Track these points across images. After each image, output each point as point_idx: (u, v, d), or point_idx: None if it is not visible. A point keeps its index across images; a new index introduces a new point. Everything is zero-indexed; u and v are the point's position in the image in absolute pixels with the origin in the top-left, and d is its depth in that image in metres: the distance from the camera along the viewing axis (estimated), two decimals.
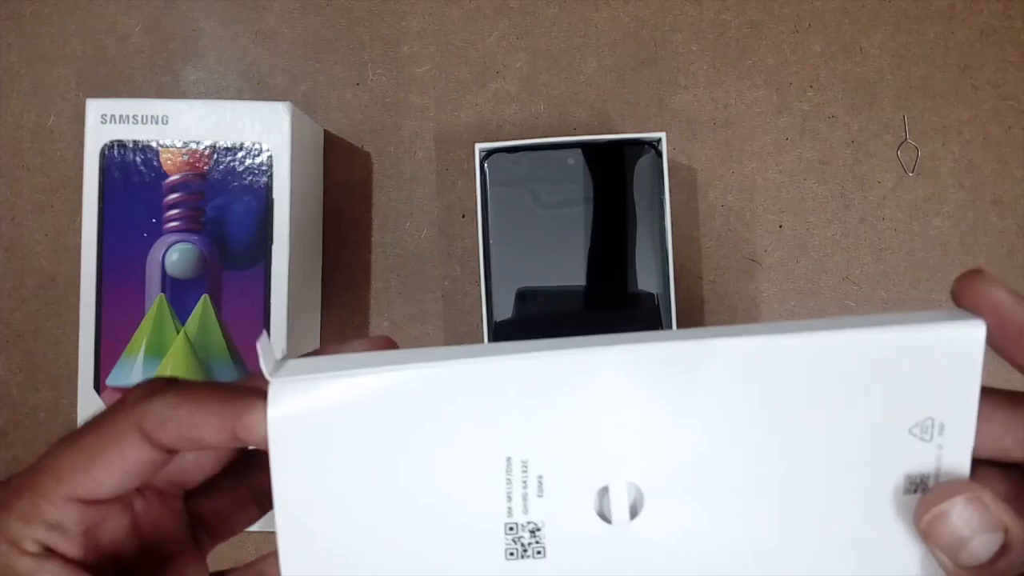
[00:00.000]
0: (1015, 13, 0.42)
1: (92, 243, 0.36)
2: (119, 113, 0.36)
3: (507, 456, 0.20)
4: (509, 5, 0.43)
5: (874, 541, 0.20)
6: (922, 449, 0.20)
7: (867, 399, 0.20)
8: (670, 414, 0.20)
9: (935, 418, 0.20)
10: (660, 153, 0.39)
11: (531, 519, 0.20)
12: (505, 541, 0.20)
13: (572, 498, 0.20)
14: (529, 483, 0.20)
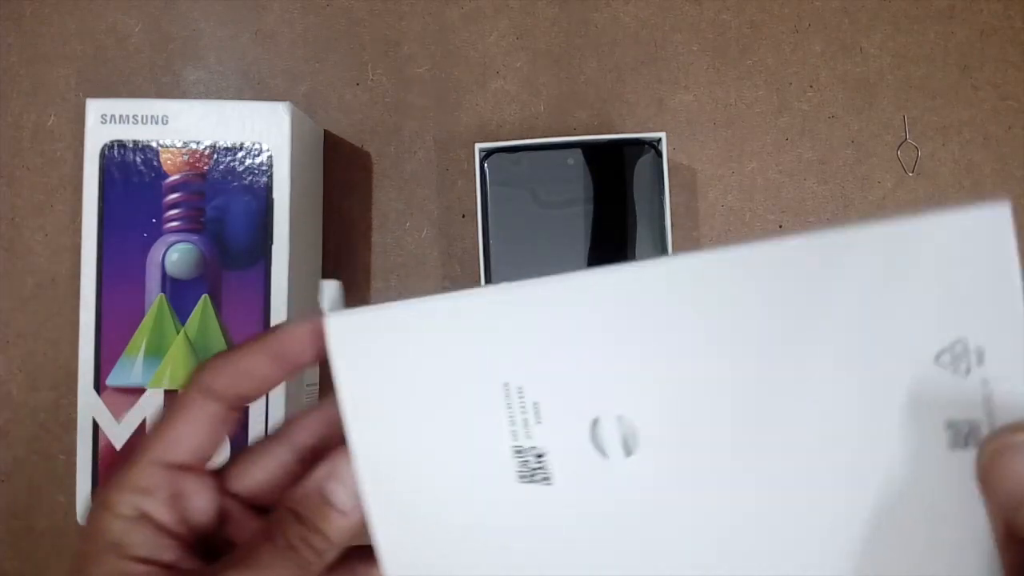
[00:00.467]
0: (1015, 13, 0.42)
1: (92, 243, 0.36)
2: (119, 113, 0.36)
3: (504, 382, 0.20)
4: (509, 5, 0.43)
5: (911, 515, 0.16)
6: (959, 385, 0.16)
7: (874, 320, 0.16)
8: (659, 346, 0.18)
9: (968, 341, 0.15)
10: (660, 153, 0.39)
11: (534, 444, 0.20)
12: (515, 463, 0.20)
13: (568, 427, 0.19)
14: (527, 408, 0.20)
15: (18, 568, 0.42)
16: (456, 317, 0.20)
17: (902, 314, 0.16)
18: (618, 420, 0.19)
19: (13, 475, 0.42)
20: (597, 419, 0.19)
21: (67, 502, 0.42)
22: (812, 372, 0.17)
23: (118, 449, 0.35)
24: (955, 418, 0.16)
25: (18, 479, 0.42)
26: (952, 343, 0.16)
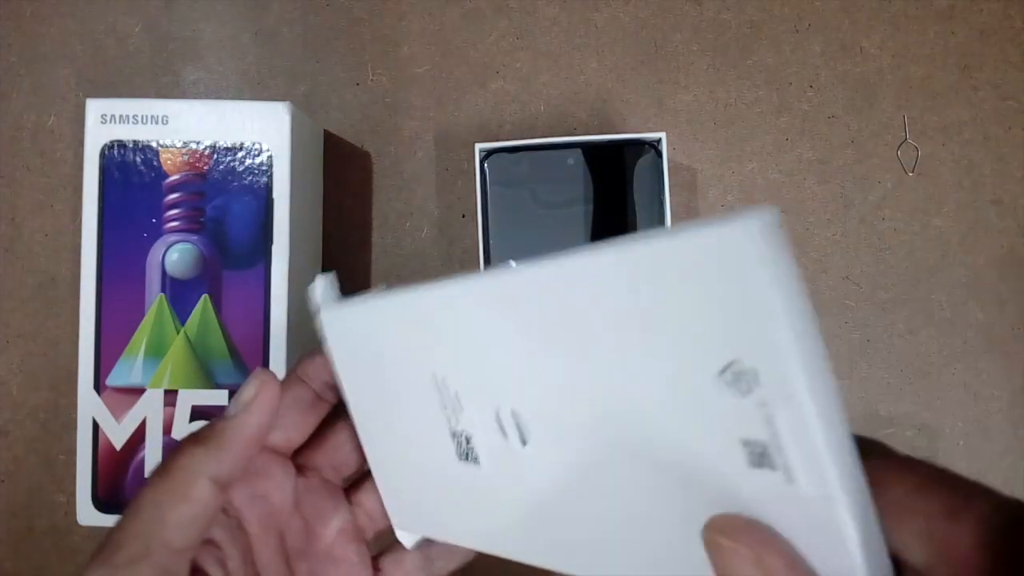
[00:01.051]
0: (1015, 13, 0.42)
1: (92, 243, 0.36)
2: (119, 113, 0.35)
3: (433, 373, 0.22)
4: (509, 5, 0.43)
5: None
6: (743, 407, 0.15)
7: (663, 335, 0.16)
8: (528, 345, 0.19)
9: (744, 361, 0.14)
10: (660, 153, 0.39)
11: (463, 428, 0.22)
12: (454, 444, 0.22)
13: (481, 416, 0.21)
14: (452, 399, 0.22)
15: (18, 568, 0.42)
16: (405, 311, 0.22)
17: (691, 331, 0.15)
18: (512, 413, 0.20)
19: (13, 475, 0.42)
20: (499, 410, 0.20)
21: (67, 502, 0.42)
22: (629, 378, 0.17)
23: (118, 449, 0.35)
24: (747, 438, 0.15)
25: (18, 479, 0.42)
26: (730, 362, 0.15)
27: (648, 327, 0.16)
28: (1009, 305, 0.42)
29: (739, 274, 0.14)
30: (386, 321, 0.23)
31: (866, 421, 0.41)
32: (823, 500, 0.14)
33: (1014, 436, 0.41)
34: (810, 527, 0.15)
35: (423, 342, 0.22)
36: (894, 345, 0.42)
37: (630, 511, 0.18)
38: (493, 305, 0.20)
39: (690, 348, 0.15)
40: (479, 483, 0.22)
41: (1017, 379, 0.42)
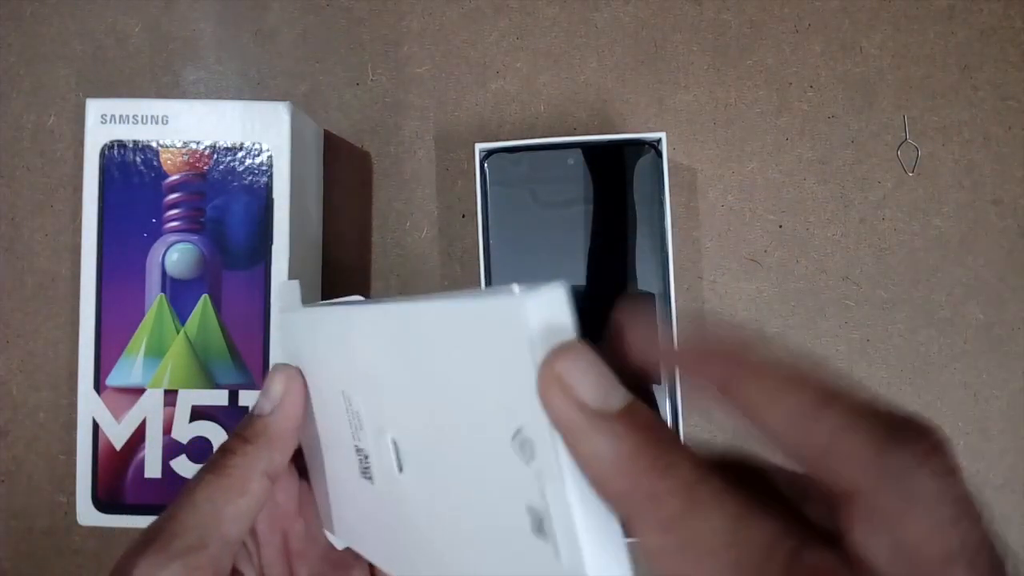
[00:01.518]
0: (1015, 13, 0.42)
1: (92, 243, 0.35)
2: (119, 113, 0.35)
3: (341, 390, 0.22)
4: (509, 5, 0.43)
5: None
6: (527, 473, 0.15)
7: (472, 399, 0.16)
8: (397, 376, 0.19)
9: (524, 431, 0.14)
10: (660, 153, 0.38)
11: (363, 446, 0.22)
12: (358, 459, 0.23)
13: (374, 437, 0.22)
14: (354, 415, 0.22)
15: (18, 568, 0.42)
16: (327, 326, 0.23)
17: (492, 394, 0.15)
18: (392, 439, 0.21)
19: (13, 475, 0.42)
20: (384, 435, 0.21)
21: (67, 502, 0.42)
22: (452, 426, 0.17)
23: (118, 449, 0.35)
24: (531, 505, 0.15)
25: (18, 479, 0.42)
26: (518, 429, 0.15)
27: (465, 380, 0.16)
28: (1009, 305, 0.42)
29: (508, 349, 0.14)
30: (317, 333, 0.24)
31: None
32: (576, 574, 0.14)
33: (1014, 436, 0.41)
34: None
35: (337, 359, 0.22)
36: (894, 345, 0.42)
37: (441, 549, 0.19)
38: (373, 334, 0.20)
39: (492, 411, 0.15)
40: (374, 500, 0.22)
41: (1017, 379, 0.41)
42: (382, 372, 0.20)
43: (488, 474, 0.16)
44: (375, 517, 0.23)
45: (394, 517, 0.22)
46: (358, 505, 0.24)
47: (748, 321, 0.42)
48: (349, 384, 0.22)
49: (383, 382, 0.20)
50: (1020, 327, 0.42)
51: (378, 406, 0.21)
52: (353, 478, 0.23)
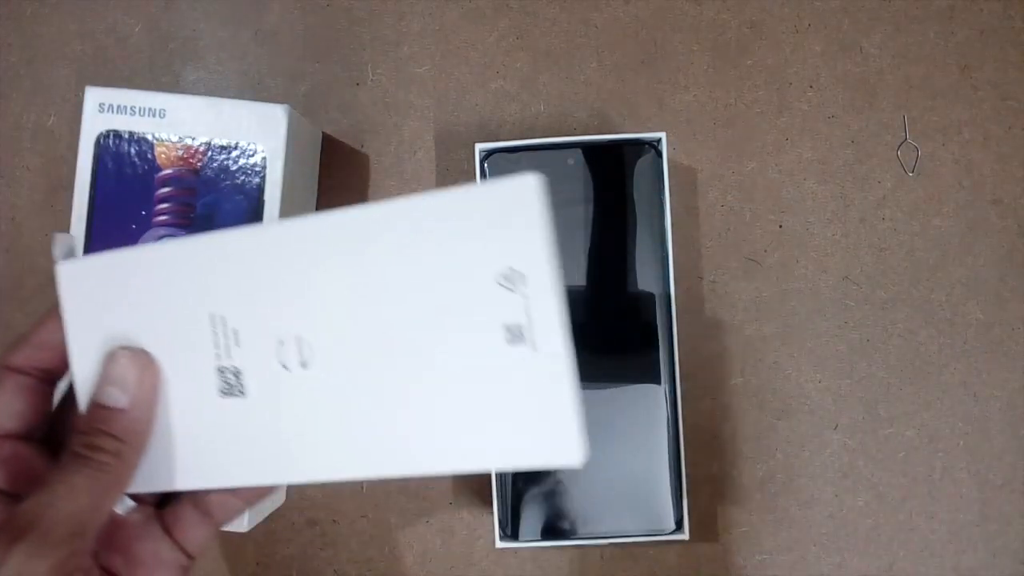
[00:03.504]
0: (1015, 13, 0.41)
1: (81, 230, 0.34)
2: (117, 103, 0.34)
3: (210, 313, 0.24)
4: (509, 5, 0.41)
5: (488, 391, 0.22)
6: (511, 300, 0.21)
7: (455, 254, 0.22)
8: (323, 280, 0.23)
9: (515, 268, 0.21)
10: (660, 153, 0.37)
11: (234, 364, 0.24)
12: (218, 380, 0.24)
13: (259, 348, 0.24)
14: (228, 335, 0.24)
15: None
16: (173, 260, 0.24)
17: (472, 251, 0.21)
18: (297, 340, 0.23)
19: None
20: (282, 341, 0.23)
21: None
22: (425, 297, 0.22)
23: None
24: (509, 322, 0.21)
25: None
26: (506, 270, 0.21)
27: (447, 249, 0.22)
28: (1009, 305, 0.40)
29: (519, 212, 0.21)
30: (151, 271, 0.24)
31: (866, 421, 0.40)
32: (554, 356, 0.21)
33: (1014, 436, 0.40)
34: (542, 379, 0.21)
35: (200, 286, 0.24)
36: (894, 345, 0.40)
37: (409, 402, 0.23)
38: (295, 247, 0.23)
39: (479, 260, 0.21)
40: (243, 414, 0.24)
41: (1017, 379, 0.40)
42: (296, 283, 0.23)
43: (464, 314, 0.22)
44: (242, 432, 0.24)
45: (280, 419, 0.24)
46: (211, 431, 0.24)
47: (748, 321, 0.40)
48: (224, 305, 0.24)
49: (295, 291, 0.23)
50: (1020, 327, 0.40)
51: (278, 315, 0.23)
52: (207, 404, 0.24)
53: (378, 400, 0.23)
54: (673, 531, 0.36)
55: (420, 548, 0.40)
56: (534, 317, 0.21)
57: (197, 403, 0.24)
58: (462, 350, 0.22)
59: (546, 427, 0.21)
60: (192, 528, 0.26)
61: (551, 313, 0.21)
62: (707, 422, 0.40)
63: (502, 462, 0.23)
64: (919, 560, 0.39)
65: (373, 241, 0.22)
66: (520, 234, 0.21)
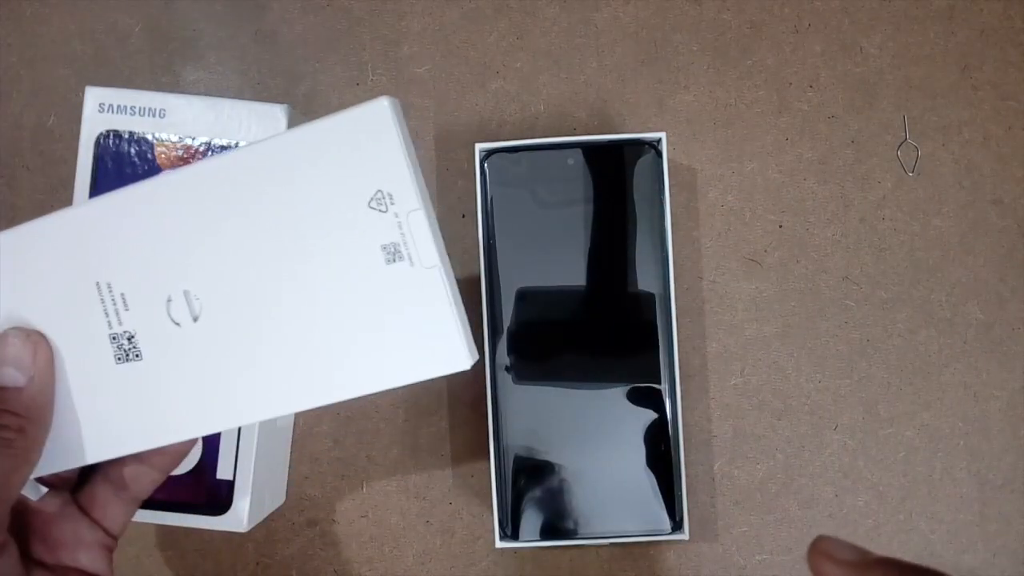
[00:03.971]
0: (1015, 13, 0.41)
1: None
2: (117, 103, 0.34)
3: (96, 281, 0.24)
4: (509, 5, 0.41)
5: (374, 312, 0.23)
6: (384, 220, 0.22)
7: (325, 185, 0.23)
8: (202, 231, 0.24)
9: (384, 189, 0.22)
10: (660, 153, 0.37)
11: (126, 329, 0.24)
12: (112, 349, 0.24)
13: (149, 308, 0.24)
14: (116, 300, 0.24)
15: None
16: (54, 233, 0.25)
17: (340, 179, 0.22)
18: (185, 294, 0.24)
19: None
20: (170, 298, 0.24)
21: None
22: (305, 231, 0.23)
23: None
24: (385, 242, 0.23)
25: None
26: (375, 193, 0.22)
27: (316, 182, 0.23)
28: (1009, 305, 0.40)
29: (377, 135, 0.22)
30: (33, 247, 0.25)
31: (866, 421, 0.40)
32: (433, 269, 0.22)
33: (1014, 436, 0.40)
34: (423, 292, 0.23)
35: (82, 255, 0.24)
36: (894, 345, 0.40)
37: (302, 336, 0.23)
38: (169, 202, 0.24)
39: (348, 188, 0.22)
40: (141, 378, 0.24)
41: (1017, 379, 0.40)
42: (176, 237, 0.24)
43: (335, 242, 0.23)
44: (143, 396, 0.24)
45: (180, 375, 0.24)
46: (112, 400, 0.25)
47: (748, 321, 0.40)
48: (109, 271, 0.24)
49: (177, 245, 0.24)
50: (1020, 327, 0.40)
51: (162, 272, 0.24)
52: (104, 373, 0.24)
53: (272, 340, 0.24)
54: (673, 531, 0.36)
55: (420, 548, 0.40)
56: (407, 233, 0.22)
57: (94, 374, 0.25)
58: (345, 277, 0.23)
59: (432, 336, 0.23)
60: (109, 505, 0.26)
61: (422, 227, 0.22)
62: (707, 422, 0.40)
63: (399, 378, 0.23)
64: (919, 560, 0.39)
65: (244, 185, 0.23)
66: (381, 155, 0.22)
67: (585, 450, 0.36)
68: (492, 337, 0.37)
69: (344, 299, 0.23)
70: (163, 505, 0.33)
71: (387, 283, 0.23)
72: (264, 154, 0.23)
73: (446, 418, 0.40)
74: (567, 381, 0.37)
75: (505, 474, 0.36)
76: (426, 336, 0.23)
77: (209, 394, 0.24)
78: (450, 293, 0.23)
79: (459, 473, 0.40)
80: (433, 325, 0.23)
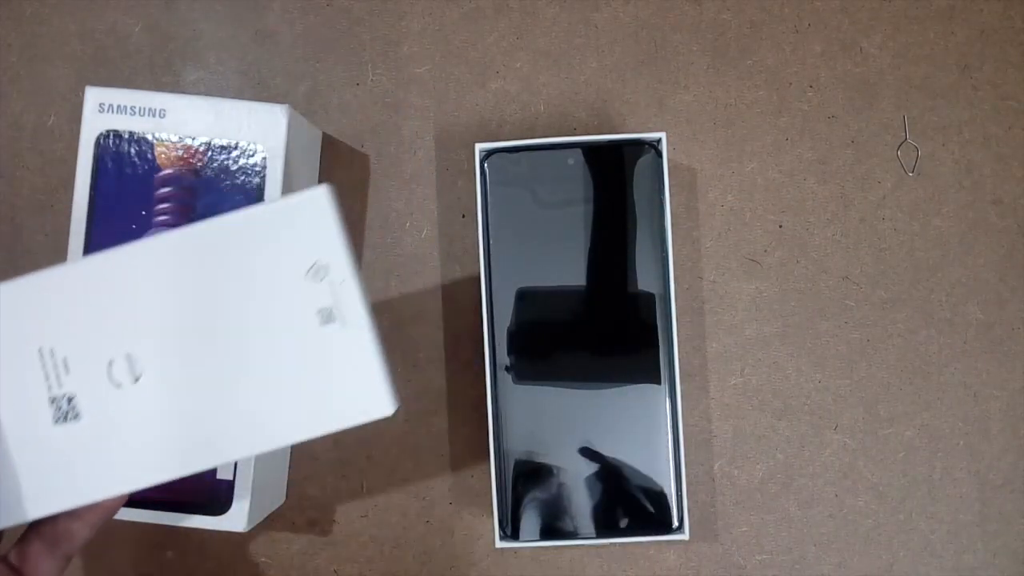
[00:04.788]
0: (1015, 13, 0.41)
1: (80, 230, 0.34)
2: (117, 103, 0.34)
3: (39, 347, 0.26)
4: (509, 5, 0.41)
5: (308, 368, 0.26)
6: (319, 288, 0.26)
7: (267, 259, 0.26)
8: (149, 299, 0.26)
9: (319, 261, 0.25)
10: (660, 153, 0.37)
11: (65, 391, 0.26)
12: (52, 410, 0.26)
13: (90, 371, 0.26)
14: (58, 364, 0.26)
15: None
16: (7, 297, 0.26)
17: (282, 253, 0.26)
18: (127, 357, 0.26)
19: None
20: (112, 360, 0.26)
21: None
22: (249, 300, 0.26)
23: None
24: (320, 307, 0.26)
25: None
26: (312, 264, 0.25)
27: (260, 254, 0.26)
28: (1009, 305, 0.40)
29: (317, 216, 0.26)
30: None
31: (866, 421, 0.40)
32: (361, 328, 0.26)
33: (1014, 436, 0.40)
34: (352, 348, 0.26)
35: (25, 323, 0.26)
36: (894, 345, 0.40)
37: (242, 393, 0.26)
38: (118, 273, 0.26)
39: (289, 260, 0.26)
40: (79, 437, 0.26)
41: (1017, 379, 0.40)
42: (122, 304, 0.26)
43: (282, 306, 0.26)
44: (79, 454, 0.26)
45: (119, 433, 0.26)
46: (49, 460, 0.26)
47: (748, 321, 0.40)
48: (53, 337, 0.26)
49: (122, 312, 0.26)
50: (1020, 327, 0.40)
51: (106, 337, 0.26)
52: (43, 435, 0.26)
53: (209, 397, 0.26)
54: (673, 531, 0.36)
55: (420, 548, 0.40)
56: (340, 299, 0.25)
57: (32, 435, 0.26)
58: (284, 337, 0.26)
59: (360, 388, 0.26)
60: (42, 562, 0.26)
61: (353, 293, 0.25)
62: (707, 422, 0.40)
63: (331, 426, 0.26)
64: (919, 560, 0.39)
65: (192, 258, 0.26)
66: (320, 234, 0.25)
67: (585, 450, 0.36)
68: (492, 337, 0.36)
69: (281, 357, 0.26)
70: (163, 505, 0.33)
71: (321, 342, 0.26)
72: (213, 230, 0.26)
73: (446, 418, 0.40)
74: (567, 381, 0.36)
75: (505, 474, 0.36)
76: (354, 387, 0.26)
77: (145, 450, 0.26)
78: (376, 350, 0.26)
79: (459, 473, 0.40)
80: (362, 379, 0.26)
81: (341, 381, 0.26)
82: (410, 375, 0.40)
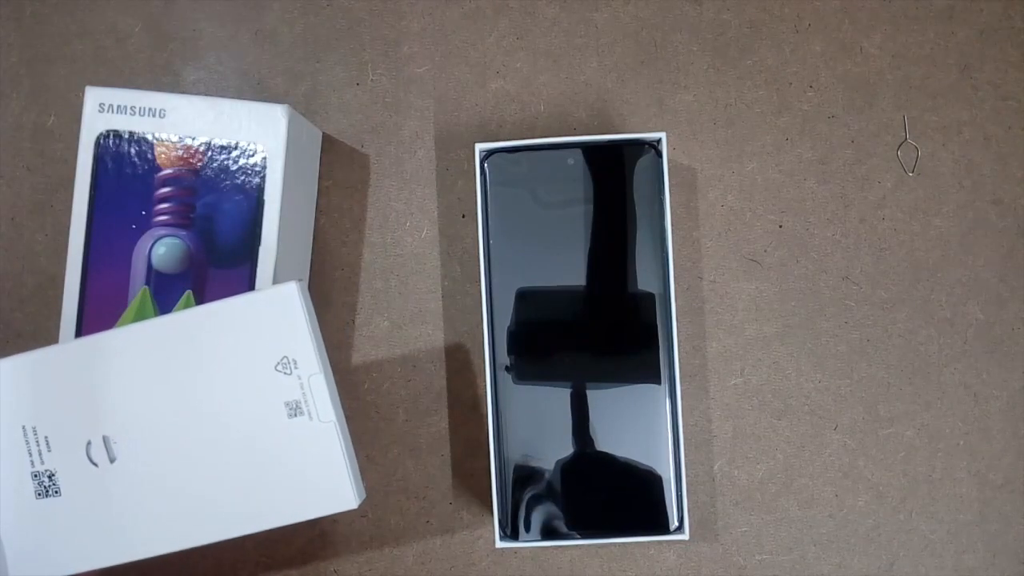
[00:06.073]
0: (1015, 13, 0.41)
1: (80, 230, 0.34)
2: (117, 103, 0.34)
3: (22, 424, 0.27)
4: (509, 5, 0.41)
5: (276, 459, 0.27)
6: (288, 381, 0.27)
7: (238, 351, 0.27)
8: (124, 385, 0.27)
9: (288, 356, 0.27)
10: (660, 153, 0.37)
11: (47, 468, 0.27)
12: (33, 485, 0.27)
13: (69, 450, 0.27)
14: (40, 442, 0.27)
15: None
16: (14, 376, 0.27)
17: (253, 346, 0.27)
18: (104, 439, 0.27)
19: None
20: (90, 441, 0.27)
21: None
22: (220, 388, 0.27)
23: None
24: (288, 400, 0.27)
25: None
26: (281, 358, 0.27)
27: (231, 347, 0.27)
28: (1009, 305, 0.40)
29: (286, 312, 0.27)
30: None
31: (866, 421, 0.40)
32: (329, 423, 0.27)
33: (1014, 436, 0.39)
34: (319, 443, 0.27)
35: (10, 402, 0.27)
36: (894, 345, 0.40)
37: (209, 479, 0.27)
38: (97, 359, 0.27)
39: (259, 353, 0.27)
40: (59, 512, 0.27)
41: (1017, 379, 0.40)
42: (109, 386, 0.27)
43: (251, 398, 0.27)
44: (60, 528, 0.27)
45: (95, 510, 0.27)
46: (31, 532, 0.27)
47: (748, 321, 0.40)
48: (35, 417, 0.27)
49: (101, 397, 0.27)
50: (1020, 327, 0.40)
51: (86, 419, 0.27)
52: (25, 508, 0.27)
53: (182, 482, 0.27)
54: (673, 531, 0.36)
55: (420, 548, 0.39)
56: (308, 393, 0.27)
57: (15, 509, 0.27)
58: (252, 428, 0.27)
59: (325, 481, 0.27)
60: None
61: (321, 388, 0.27)
62: (707, 422, 0.40)
63: (295, 516, 0.27)
64: (919, 560, 0.39)
65: (166, 348, 0.27)
66: (289, 329, 0.27)
67: (585, 450, 0.36)
68: (492, 337, 0.36)
69: (250, 447, 0.27)
70: None
71: (288, 434, 0.27)
72: (186, 322, 0.27)
73: (446, 418, 0.40)
74: (567, 381, 0.36)
75: (505, 474, 0.36)
76: (320, 481, 0.27)
77: (120, 528, 0.27)
78: (343, 444, 0.27)
79: (459, 473, 0.40)
80: (327, 471, 0.27)
81: (307, 473, 0.27)
82: (410, 375, 0.40)
